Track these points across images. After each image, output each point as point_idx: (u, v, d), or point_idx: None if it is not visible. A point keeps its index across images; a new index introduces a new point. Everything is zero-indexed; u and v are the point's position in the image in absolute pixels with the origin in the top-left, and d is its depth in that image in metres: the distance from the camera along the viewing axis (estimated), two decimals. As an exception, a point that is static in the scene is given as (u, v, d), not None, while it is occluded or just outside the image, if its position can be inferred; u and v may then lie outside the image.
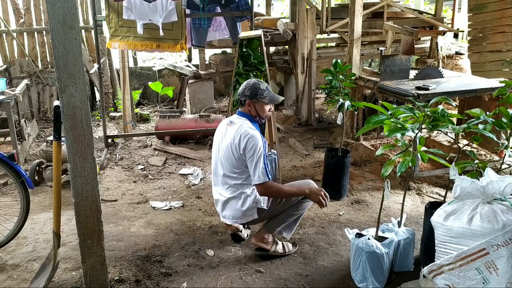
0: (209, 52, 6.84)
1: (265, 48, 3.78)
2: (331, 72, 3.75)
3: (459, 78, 4.42)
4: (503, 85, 2.88)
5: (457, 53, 6.57)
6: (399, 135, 2.50)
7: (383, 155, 4.52)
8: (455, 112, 4.97)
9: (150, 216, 3.66)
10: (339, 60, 3.78)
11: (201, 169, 4.60)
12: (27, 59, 6.40)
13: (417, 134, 2.49)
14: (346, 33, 5.59)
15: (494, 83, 4.02)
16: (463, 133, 2.63)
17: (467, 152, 2.69)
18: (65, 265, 2.91)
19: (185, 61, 7.58)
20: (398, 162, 2.55)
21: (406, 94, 3.86)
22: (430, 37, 6.54)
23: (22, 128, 4.97)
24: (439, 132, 2.67)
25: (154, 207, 3.81)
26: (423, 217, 3.00)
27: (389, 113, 2.51)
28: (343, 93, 3.78)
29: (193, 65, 7.03)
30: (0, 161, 2.96)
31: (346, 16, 5.62)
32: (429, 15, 6.71)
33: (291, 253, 3.05)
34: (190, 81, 6.25)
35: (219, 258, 3.01)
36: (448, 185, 3.57)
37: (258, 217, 2.92)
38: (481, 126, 2.58)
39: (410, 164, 2.52)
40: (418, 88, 3.87)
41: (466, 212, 2.35)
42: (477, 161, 2.60)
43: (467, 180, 2.36)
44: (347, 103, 3.70)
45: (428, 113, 2.47)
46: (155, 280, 2.76)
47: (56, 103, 2.52)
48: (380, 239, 2.74)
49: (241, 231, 3.20)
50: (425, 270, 2.46)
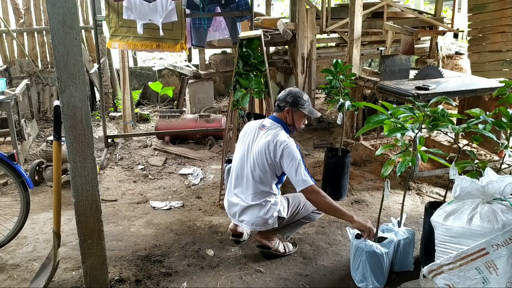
0: (209, 52, 6.84)
1: (265, 48, 3.78)
2: (331, 72, 3.75)
3: (459, 78, 4.42)
4: (503, 85, 2.88)
5: (457, 53, 6.58)
6: (399, 135, 2.50)
7: (383, 155, 4.52)
8: (455, 112, 4.97)
9: (150, 216, 3.66)
10: (339, 60, 3.78)
11: (201, 169, 4.60)
12: (27, 59, 6.40)
13: (416, 134, 2.49)
14: (346, 33, 5.59)
15: (494, 83, 4.02)
16: (463, 133, 2.63)
17: (467, 152, 2.69)
18: (65, 265, 2.92)
19: (185, 61, 7.58)
20: (398, 162, 2.55)
21: (406, 94, 3.86)
22: (430, 37, 6.54)
23: (22, 128, 4.97)
24: (439, 132, 2.66)
25: (154, 207, 3.81)
26: (423, 217, 3.00)
27: (389, 112, 2.51)
28: (343, 93, 3.78)
29: (193, 65, 7.03)
30: (0, 161, 2.96)
31: (346, 16, 5.62)
32: (429, 15, 6.71)
33: (291, 253, 3.05)
34: (190, 81, 6.25)
35: (219, 258, 3.01)
36: (448, 185, 3.57)
37: (277, 226, 2.91)
38: (481, 126, 2.58)
39: (410, 164, 2.52)
40: (418, 88, 3.87)
41: (466, 212, 2.35)
42: (477, 161, 2.60)
43: (467, 180, 2.37)
44: (347, 103, 3.70)
45: (428, 113, 2.47)
46: (155, 280, 2.77)
47: (56, 103, 2.52)
48: (380, 239, 2.74)
49: (242, 232, 3.20)
50: (425, 270, 2.46)
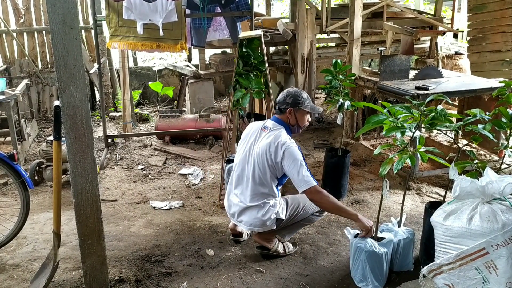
0: (209, 52, 6.84)
1: (265, 48, 3.78)
2: (331, 72, 3.75)
3: (459, 78, 4.42)
4: (502, 85, 2.89)
5: (456, 53, 6.57)
6: (398, 135, 2.50)
7: (382, 154, 4.52)
8: (454, 112, 4.98)
9: (150, 216, 3.66)
10: (339, 60, 3.78)
11: (201, 169, 4.60)
12: (27, 59, 6.40)
13: (414, 133, 2.49)
14: (346, 33, 5.59)
15: (493, 83, 4.02)
16: (461, 133, 2.63)
17: (466, 152, 2.69)
18: (65, 265, 2.92)
19: (185, 61, 7.58)
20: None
21: (405, 94, 3.86)
22: (429, 37, 6.54)
23: (22, 128, 4.97)
24: (439, 132, 2.66)
25: (154, 207, 3.81)
26: (423, 217, 3.00)
27: (386, 110, 2.51)
28: (343, 93, 3.78)
29: (193, 65, 7.03)
30: (0, 161, 2.96)
31: (346, 16, 5.62)
32: (429, 15, 6.71)
33: (291, 253, 3.05)
34: (190, 81, 6.25)
35: (219, 258, 3.01)
36: (447, 185, 3.57)
37: (276, 227, 2.91)
38: (480, 126, 2.59)
39: (410, 164, 2.53)
40: (418, 88, 3.88)
41: (465, 212, 2.36)
42: (476, 161, 2.60)
43: (466, 180, 2.37)
44: (347, 103, 3.70)
45: (425, 112, 2.47)
46: (155, 280, 2.77)
47: (56, 103, 2.52)
48: (379, 239, 2.74)
49: (241, 231, 3.20)
50: (425, 270, 2.46)
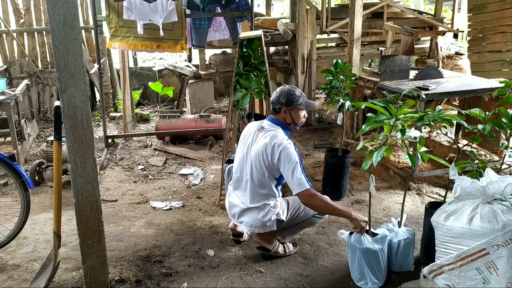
0: (209, 52, 6.84)
1: (265, 48, 3.78)
2: (331, 72, 3.75)
3: (459, 78, 4.42)
4: (503, 85, 2.88)
5: (457, 53, 6.57)
6: (399, 134, 2.50)
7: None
8: (454, 112, 4.97)
9: (150, 216, 3.66)
10: (339, 60, 3.78)
11: (201, 169, 4.60)
12: (27, 59, 6.40)
13: (393, 125, 2.48)
14: (346, 33, 5.59)
15: (494, 83, 4.02)
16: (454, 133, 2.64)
17: (467, 152, 2.69)
18: (66, 265, 2.92)
19: (185, 61, 7.58)
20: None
21: (405, 94, 3.85)
22: (430, 37, 6.54)
23: (22, 128, 4.98)
24: (439, 132, 2.66)
25: (155, 207, 3.81)
26: (423, 217, 3.01)
27: (363, 106, 2.53)
28: (343, 93, 3.78)
29: (193, 65, 7.03)
30: (0, 161, 2.96)
31: (346, 16, 5.62)
32: (429, 15, 6.71)
33: (292, 253, 3.05)
34: (190, 81, 6.26)
35: (220, 258, 3.01)
36: (448, 185, 3.57)
37: (276, 228, 2.90)
38: (480, 126, 2.59)
39: (410, 164, 2.53)
40: (418, 88, 3.87)
41: (466, 212, 2.36)
42: (477, 161, 2.60)
43: (467, 180, 2.37)
44: (347, 103, 3.70)
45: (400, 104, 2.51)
46: (156, 280, 2.77)
47: (57, 103, 2.52)
48: (373, 235, 2.76)
49: (242, 231, 3.20)
50: (425, 270, 2.46)
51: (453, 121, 2.57)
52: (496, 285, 2.25)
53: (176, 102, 6.63)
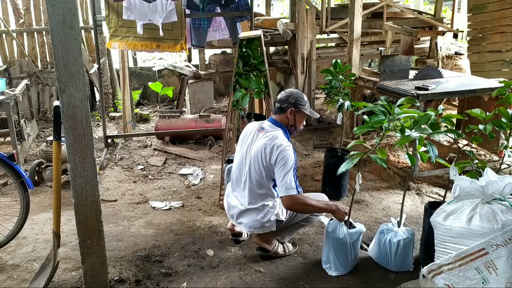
0: (209, 52, 6.84)
1: (265, 48, 3.78)
2: (331, 72, 3.76)
3: (459, 78, 4.42)
4: (502, 85, 2.89)
5: (456, 53, 6.57)
6: (398, 134, 2.50)
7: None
8: (454, 112, 4.98)
9: (150, 216, 3.66)
10: (339, 60, 3.78)
11: (201, 169, 4.60)
12: (26, 59, 6.40)
13: (388, 127, 2.51)
14: (346, 33, 5.59)
15: (493, 83, 4.02)
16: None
17: (466, 152, 2.69)
18: (65, 265, 2.92)
19: (185, 61, 7.58)
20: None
21: (405, 94, 3.86)
22: (429, 37, 6.54)
23: (22, 128, 4.98)
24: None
25: (154, 207, 3.81)
26: (422, 217, 3.00)
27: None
28: (343, 93, 3.78)
29: (193, 65, 7.03)
30: (0, 161, 2.96)
31: (345, 16, 5.62)
32: (429, 15, 6.71)
33: (291, 253, 3.05)
34: (190, 81, 6.25)
35: (219, 258, 3.01)
36: (447, 185, 3.57)
37: (275, 229, 2.91)
38: (481, 127, 2.59)
39: (410, 164, 2.52)
40: (418, 88, 3.88)
41: (465, 212, 2.36)
42: (476, 161, 2.60)
43: (466, 180, 2.37)
44: (347, 103, 3.70)
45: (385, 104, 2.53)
46: (155, 280, 2.77)
47: (56, 103, 2.52)
48: (351, 227, 2.85)
49: (240, 231, 3.20)
50: (424, 270, 2.47)
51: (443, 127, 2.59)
52: (495, 284, 2.25)
53: (175, 102, 6.63)
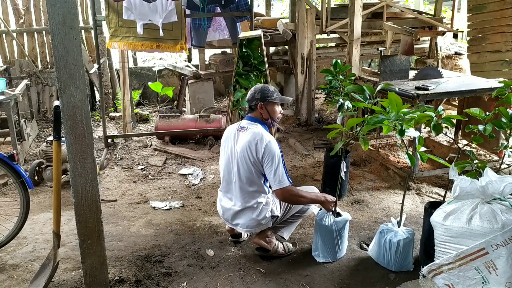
0: (209, 52, 6.84)
1: (265, 48, 3.79)
2: (331, 72, 3.75)
3: (459, 78, 4.42)
4: (502, 85, 2.89)
5: (456, 53, 6.58)
6: (397, 135, 2.50)
7: (381, 154, 4.53)
8: (454, 112, 4.98)
9: (150, 216, 3.66)
10: (339, 60, 3.78)
11: (201, 169, 4.60)
12: (26, 59, 6.40)
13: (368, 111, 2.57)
14: (346, 34, 5.60)
15: (493, 83, 4.02)
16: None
17: (466, 152, 2.69)
18: (65, 265, 2.92)
19: (185, 61, 7.58)
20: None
21: (405, 94, 3.86)
22: (429, 38, 6.54)
23: (22, 128, 4.98)
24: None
25: (154, 207, 3.81)
26: (422, 217, 3.00)
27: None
28: (343, 93, 3.78)
29: (193, 65, 7.04)
30: (0, 161, 2.96)
31: (345, 16, 5.62)
32: (429, 15, 6.72)
33: (291, 253, 3.05)
34: (190, 81, 6.26)
35: (219, 258, 3.01)
36: (447, 185, 3.57)
37: (272, 225, 2.94)
38: (481, 127, 2.59)
39: (410, 164, 2.53)
40: (418, 88, 3.88)
41: (465, 212, 2.36)
42: (476, 161, 2.60)
43: (466, 180, 2.37)
44: (347, 103, 3.70)
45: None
46: (155, 280, 2.77)
47: (56, 103, 2.52)
48: (338, 216, 2.96)
49: (240, 232, 3.20)
50: (424, 270, 2.47)
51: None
52: (495, 284, 2.25)
53: (176, 102, 6.64)
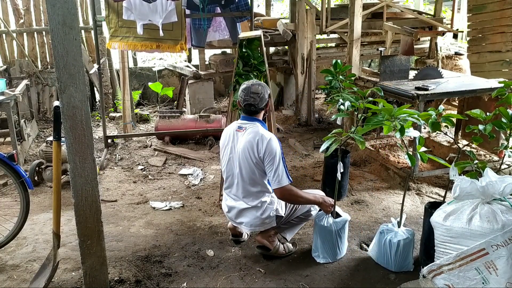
0: (209, 53, 6.84)
1: (265, 49, 3.78)
2: (331, 72, 3.75)
3: (459, 79, 4.42)
4: (502, 85, 2.89)
5: (456, 53, 6.57)
6: (398, 135, 2.50)
7: (382, 154, 4.53)
8: (454, 112, 4.98)
9: (150, 216, 3.66)
10: (339, 61, 3.78)
11: (201, 170, 4.60)
12: (26, 59, 6.40)
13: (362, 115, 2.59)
14: (346, 34, 5.60)
15: (493, 83, 4.02)
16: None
17: (466, 152, 2.69)
18: (65, 265, 2.92)
19: (185, 61, 7.58)
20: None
21: (405, 94, 3.86)
22: (429, 38, 6.54)
23: (22, 129, 4.98)
24: (439, 132, 2.67)
25: (154, 208, 3.81)
26: (422, 217, 3.00)
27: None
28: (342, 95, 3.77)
29: (193, 65, 7.04)
30: (0, 161, 2.96)
31: (345, 16, 5.62)
32: (429, 16, 6.71)
33: (291, 253, 3.05)
34: (190, 81, 6.26)
35: (219, 258, 3.01)
36: (447, 185, 3.57)
37: (276, 224, 2.94)
38: (481, 127, 2.59)
39: (410, 164, 2.52)
40: (418, 89, 3.88)
41: (465, 212, 2.36)
42: (476, 161, 2.60)
43: (466, 180, 2.37)
44: (347, 103, 3.69)
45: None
46: (155, 281, 2.77)
47: (56, 103, 2.52)
48: (337, 216, 2.97)
49: (241, 231, 3.20)
50: (424, 270, 2.47)
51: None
52: (495, 285, 2.25)
53: (176, 102, 6.63)
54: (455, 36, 8.66)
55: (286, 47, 6.58)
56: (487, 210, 2.30)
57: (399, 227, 2.86)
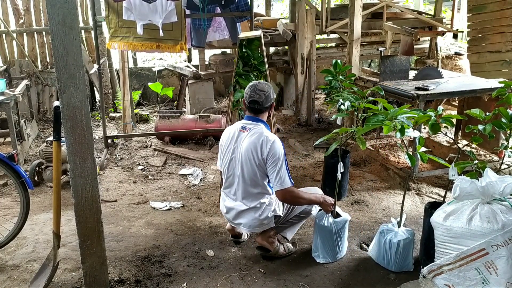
0: (209, 53, 6.84)
1: (265, 49, 3.78)
2: (331, 72, 3.75)
3: (459, 79, 4.42)
4: (502, 85, 2.89)
5: (456, 53, 6.57)
6: (398, 135, 2.50)
7: (381, 154, 4.53)
8: (454, 112, 4.98)
9: (150, 216, 3.66)
10: (338, 61, 3.78)
11: (201, 170, 4.60)
12: (26, 59, 6.40)
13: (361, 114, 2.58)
14: (346, 34, 5.60)
15: (493, 83, 4.02)
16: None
17: (466, 152, 2.69)
18: (65, 265, 2.92)
19: (185, 61, 7.58)
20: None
21: (405, 94, 3.86)
22: (429, 38, 6.54)
23: (22, 129, 4.98)
24: (439, 132, 2.67)
25: (154, 208, 3.81)
26: (422, 217, 3.01)
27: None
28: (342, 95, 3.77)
29: (193, 65, 7.04)
30: (0, 161, 2.96)
31: (345, 16, 5.62)
32: (429, 16, 6.72)
33: (291, 253, 3.05)
34: (190, 81, 6.26)
35: (219, 258, 3.01)
36: (447, 185, 3.57)
37: (274, 225, 2.94)
38: (481, 127, 2.59)
39: (410, 164, 2.53)
40: (418, 89, 3.88)
41: (465, 212, 2.36)
42: (476, 161, 2.60)
43: (466, 180, 2.37)
44: (347, 103, 3.69)
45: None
46: (155, 281, 2.77)
47: (56, 103, 2.52)
48: (337, 216, 2.98)
49: (240, 232, 3.20)
50: (424, 270, 2.47)
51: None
52: (495, 285, 2.25)
53: (175, 102, 6.63)
54: (455, 36, 8.67)
55: (286, 47, 6.58)
56: (487, 210, 2.30)
57: (399, 227, 2.86)
